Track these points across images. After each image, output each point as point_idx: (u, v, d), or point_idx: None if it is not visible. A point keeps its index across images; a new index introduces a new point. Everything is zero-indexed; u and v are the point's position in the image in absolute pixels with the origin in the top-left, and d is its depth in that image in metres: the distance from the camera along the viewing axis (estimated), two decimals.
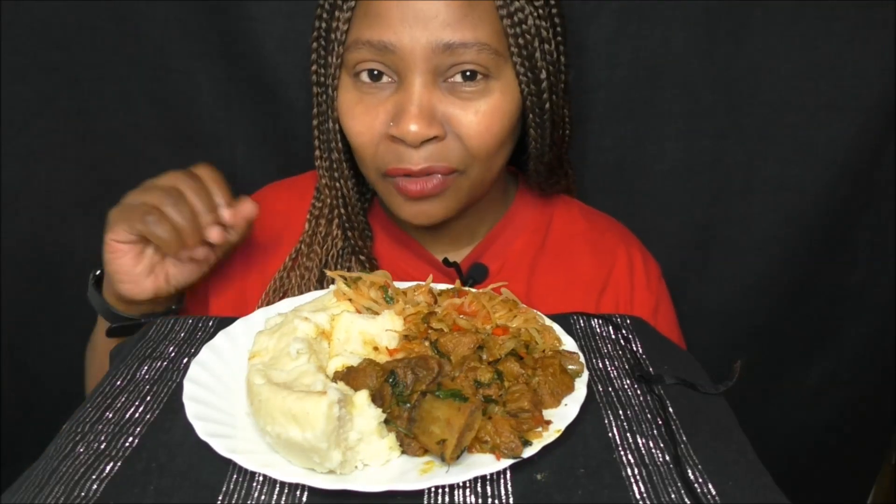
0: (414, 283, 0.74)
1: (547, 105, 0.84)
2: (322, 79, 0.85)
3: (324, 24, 0.82)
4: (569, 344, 0.68)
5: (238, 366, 0.65)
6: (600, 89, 1.16)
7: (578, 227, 1.00)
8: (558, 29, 0.84)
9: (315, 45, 0.84)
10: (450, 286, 0.76)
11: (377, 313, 0.68)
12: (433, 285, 0.74)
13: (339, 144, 0.87)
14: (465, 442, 0.53)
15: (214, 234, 0.78)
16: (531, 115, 0.84)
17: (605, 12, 1.12)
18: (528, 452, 0.54)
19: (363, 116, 0.80)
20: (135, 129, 1.18)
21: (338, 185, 0.89)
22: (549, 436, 0.56)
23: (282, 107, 1.17)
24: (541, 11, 0.80)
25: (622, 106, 1.18)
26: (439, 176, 0.80)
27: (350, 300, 0.71)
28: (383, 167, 0.81)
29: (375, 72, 0.79)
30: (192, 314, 0.88)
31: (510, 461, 0.53)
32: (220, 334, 0.70)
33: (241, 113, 1.18)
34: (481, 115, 0.79)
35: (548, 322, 0.71)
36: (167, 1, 1.10)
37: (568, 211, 1.02)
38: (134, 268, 0.79)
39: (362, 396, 0.55)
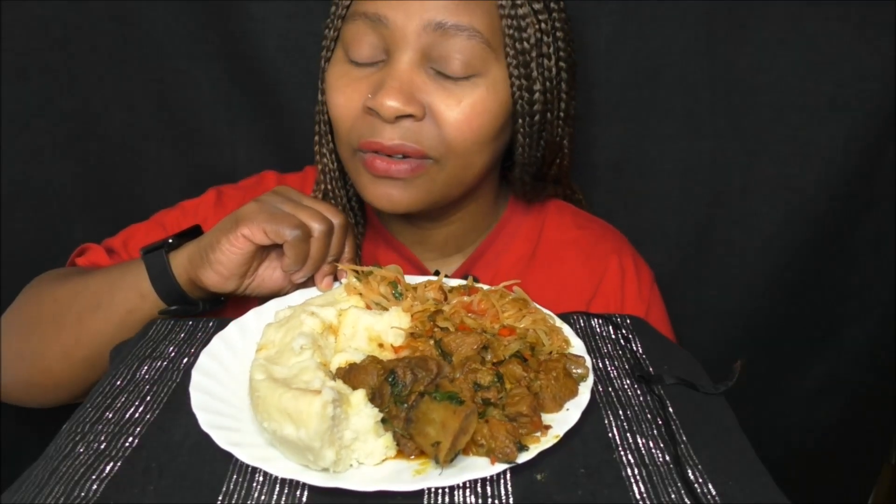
0: (425, 279, 0.74)
1: (537, 117, 0.83)
2: (324, 62, 0.86)
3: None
4: (577, 346, 0.68)
5: (248, 357, 0.65)
6: (600, 89, 1.16)
7: (570, 234, 0.99)
8: (562, 54, 0.83)
9: (325, 35, 0.86)
10: (462, 282, 0.76)
11: (386, 309, 0.68)
12: (445, 280, 0.74)
13: (326, 116, 0.87)
14: (460, 445, 0.53)
15: (326, 283, 0.78)
16: (520, 121, 0.83)
17: (605, 12, 1.12)
18: (523, 458, 0.54)
19: (346, 89, 0.80)
20: (135, 129, 1.18)
21: (325, 160, 0.90)
22: (547, 441, 0.55)
23: (282, 107, 1.17)
24: (543, 26, 0.80)
25: (622, 106, 1.18)
26: (411, 162, 0.79)
27: (360, 294, 0.71)
28: (356, 141, 0.80)
29: (366, 53, 0.79)
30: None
31: (504, 466, 0.53)
32: (232, 325, 0.70)
33: (241, 113, 1.19)
34: (463, 106, 0.78)
35: (558, 323, 0.71)
36: (167, 1, 1.10)
37: (560, 218, 1.01)
38: (239, 266, 0.76)
39: (359, 395, 0.55)
